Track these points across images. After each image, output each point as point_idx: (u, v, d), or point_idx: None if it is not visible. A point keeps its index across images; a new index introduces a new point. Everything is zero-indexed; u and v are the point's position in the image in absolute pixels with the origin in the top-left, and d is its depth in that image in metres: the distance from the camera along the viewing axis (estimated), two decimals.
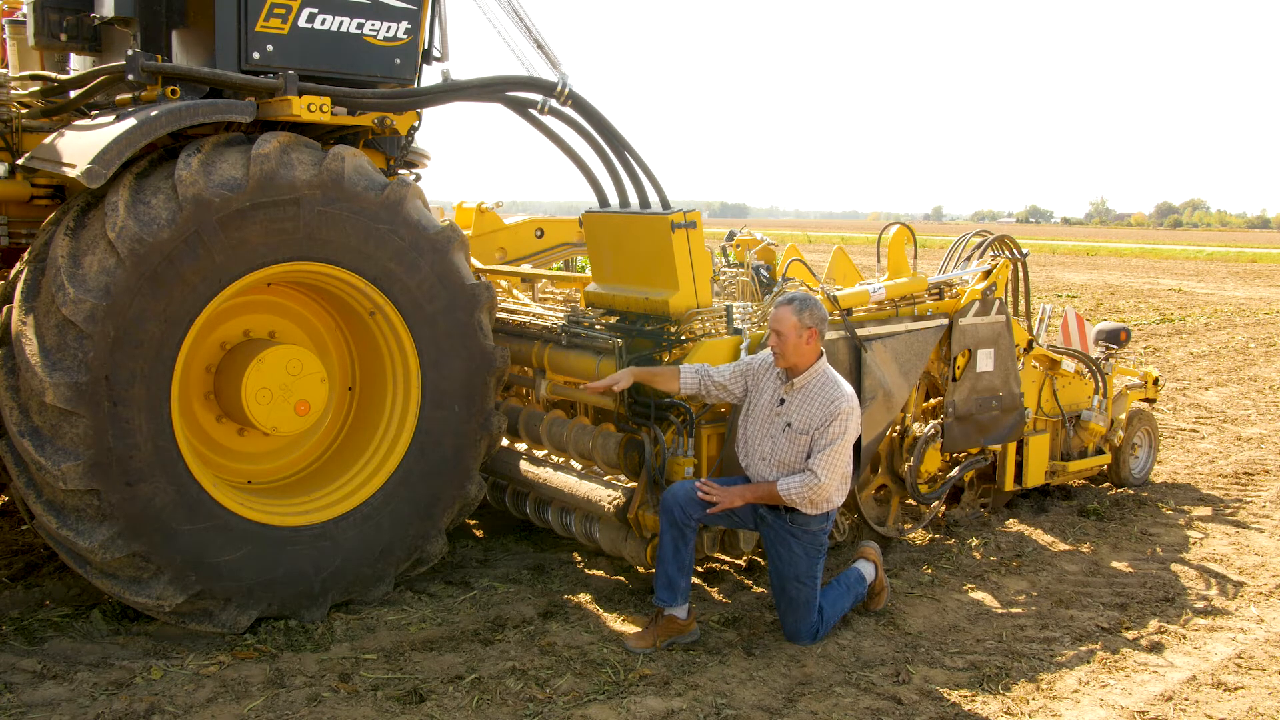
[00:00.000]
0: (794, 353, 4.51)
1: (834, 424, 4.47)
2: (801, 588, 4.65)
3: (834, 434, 4.47)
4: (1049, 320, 7.35)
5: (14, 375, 4.17)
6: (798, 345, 4.49)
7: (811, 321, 4.49)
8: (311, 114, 4.63)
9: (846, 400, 4.49)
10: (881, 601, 5.10)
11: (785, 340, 4.49)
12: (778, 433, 4.59)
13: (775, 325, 4.52)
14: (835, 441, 4.47)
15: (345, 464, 5.12)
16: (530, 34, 5.48)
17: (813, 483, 4.48)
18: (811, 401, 4.52)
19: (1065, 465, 6.97)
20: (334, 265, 4.68)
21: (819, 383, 4.55)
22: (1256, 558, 6.11)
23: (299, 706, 3.99)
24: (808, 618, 4.68)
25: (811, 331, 4.50)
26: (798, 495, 4.49)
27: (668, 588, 4.61)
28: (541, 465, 5.63)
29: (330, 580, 4.81)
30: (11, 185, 4.99)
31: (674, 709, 4.05)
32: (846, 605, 4.91)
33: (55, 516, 4.20)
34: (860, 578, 5.02)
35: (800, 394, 4.55)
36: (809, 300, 4.55)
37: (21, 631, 4.56)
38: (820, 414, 4.50)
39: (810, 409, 4.52)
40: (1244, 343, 16.24)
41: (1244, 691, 4.40)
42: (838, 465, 4.49)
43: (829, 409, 4.48)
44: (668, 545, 4.63)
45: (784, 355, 4.52)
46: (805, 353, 4.52)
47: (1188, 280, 31.51)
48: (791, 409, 4.56)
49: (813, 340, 4.52)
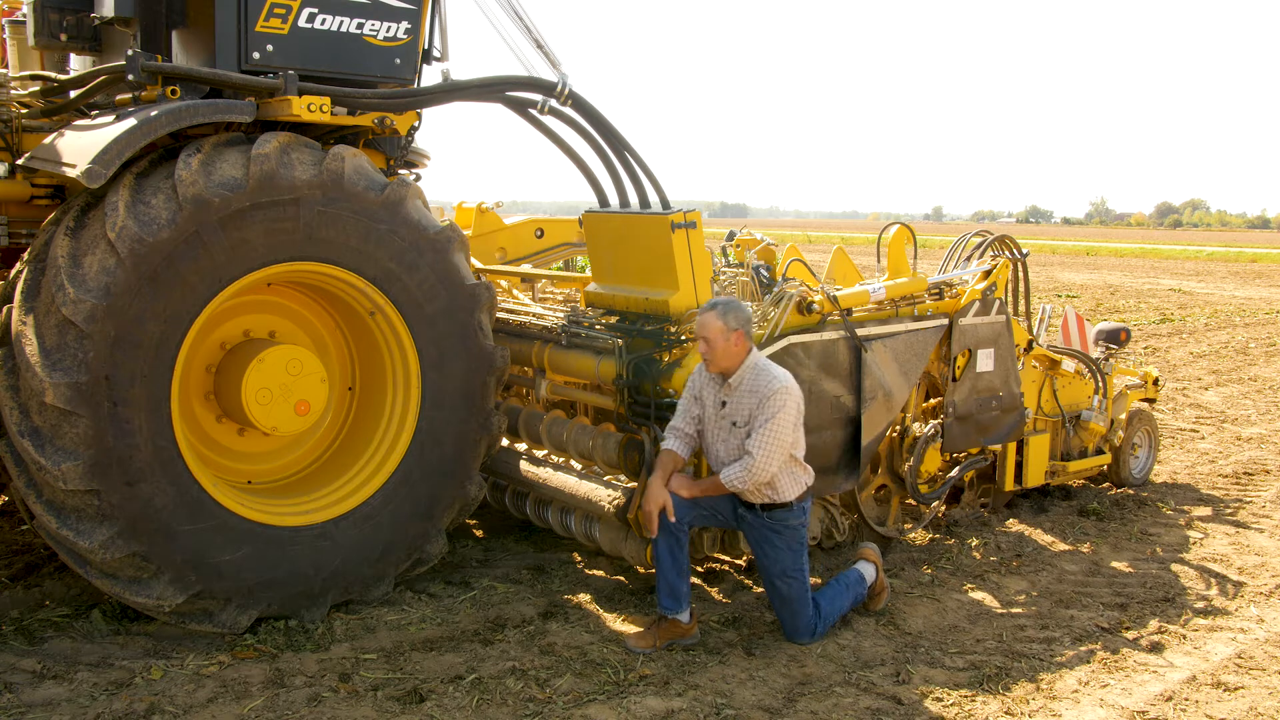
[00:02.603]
0: (723, 356, 4.55)
1: (767, 404, 4.49)
2: (790, 582, 4.68)
3: (768, 413, 4.48)
4: (1049, 320, 7.35)
5: (14, 375, 4.17)
6: (726, 349, 4.53)
7: (736, 324, 4.53)
8: (311, 114, 4.63)
9: (778, 381, 4.52)
10: (881, 602, 5.10)
11: (714, 346, 4.54)
12: (727, 434, 4.64)
13: (701, 332, 4.56)
14: (769, 420, 4.47)
15: (345, 464, 5.12)
16: (530, 34, 5.48)
17: (749, 463, 4.48)
18: (747, 395, 4.57)
19: (1065, 465, 6.97)
20: (334, 265, 4.68)
21: (751, 375, 4.58)
22: (1256, 558, 6.11)
23: (299, 706, 3.99)
24: (803, 613, 4.70)
25: (737, 333, 4.53)
26: (737, 480, 4.52)
27: (671, 595, 4.64)
28: (541, 465, 5.63)
29: (330, 580, 4.81)
30: (11, 185, 4.99)
31: (674, 709, 4.05)
32: (846, 605, 4.91)
33: (55, 516, 4.20)
34: (860, 578, 5.02)
35: (737, 393, 4.60)
36: (731, 303, 4.61)
37: (21, 631, 4.56)
38: (755, 402, 4.55)
39: (747, 402, 4.57)
40: (1244, 343, 16.24)
41: (1244, 691, 4.40)
42: (774, 445, 4.49)
43: (762, 393, 4.52)
44: (664, 553, 4.65)
45: (714, 360, 4.57)
46: (734, 354, 4.56)
47: (1188, 280, 31.52)
48: (732, 409, 4.62)
49: (740, 341, 4.55)
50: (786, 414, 4.51)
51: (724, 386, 4.65)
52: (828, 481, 5.56)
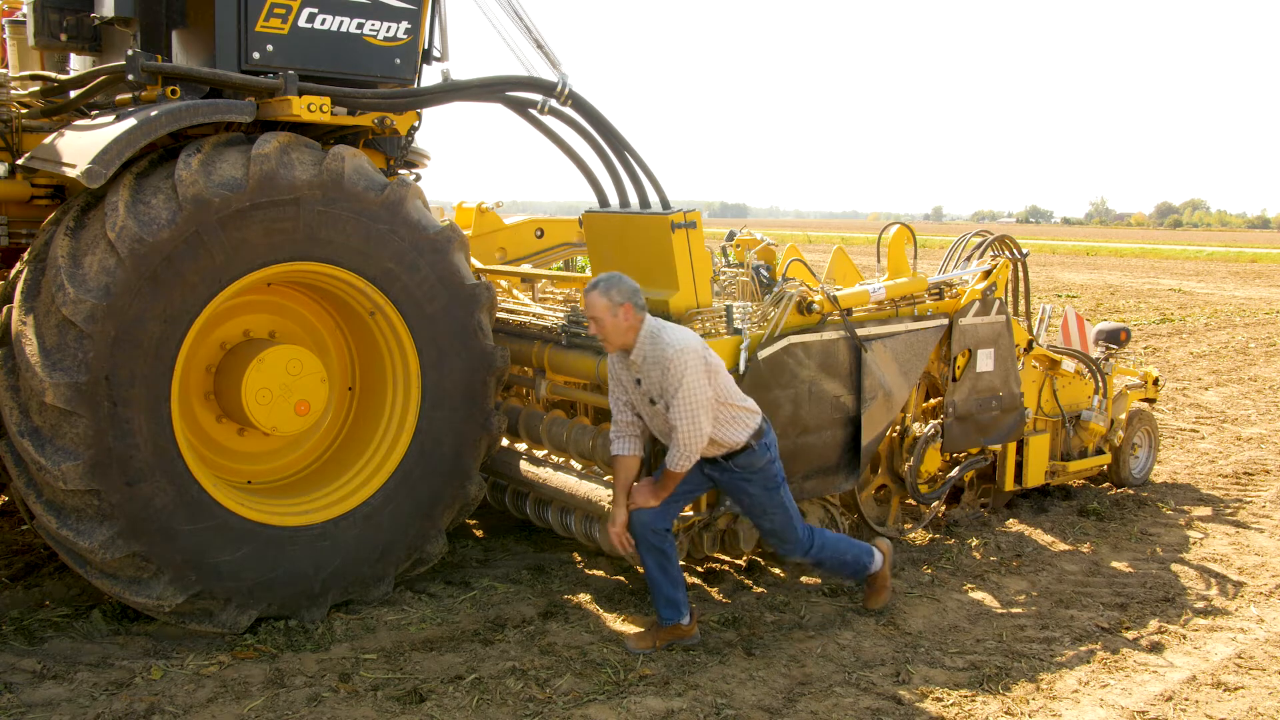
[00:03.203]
0: (615, 333, 4.41)
1: (669, 373, 4.35)
2: (774, 517, 4.71)
3: (674, 382, 4.35)
4: (1049, 320, 7.35)
5: (14, 375, 4.17)
6: (616, 325, 4.39)
7: (621, 298, 4.36)
8: (311, 114, 4.63)
9: (672, 348, 4.35)
10: (882, 600, 5.10)
11: (603, 324, 4.40)
12: (652, 412, 4.53)
13: (589, 313, 4.43)
14: (678, 390, 4.34)
15: (345, 464, 5.12)
16: (530, 34, 5.48)
17: (678, 440, 4.40)
18: (652, 367, 4.43)
19: (1065, 465, 6.97)
20: (334, 265, 4.68)
21: (650, 346, 4.42)
22: (1256, 558, 6.11)
23: (299, 706, 3.99)
24: (792, 536, 4.75)
25: (625, 307, 4.37)
26: (683, 460, 4.45)
27: (670, 605, 4.62)
28: (541, 465, 5.63)
29: (330, 580, 4.81)
30: (11, 185, 5.00)
31: (674, 709, 4.05)
32: (844, 555, 4.95)
33: (55, 516, 4.20)
34: (869, 552, 5.04)
35: (644, 367, 4.46)
36: (613, 279, 4.43)
37: (21, 631, 4.56)
38: (660, 373, 4.41)
39: (653, 374, 4.44)
40: (1244, 343, 16.24)
41: (1244, 691, 4.40)
42: (694, 410, 4.36)
43: (661, 365, 4.38)
44: (653, 568, 4.63)
45: (608, 339, 4.44)
46: (625, 329, 4.41)
47: (1188, 280, 31.51)
48: (646, 384, 4.49)
49: (629, 315, 4.38)
50: (693, 375, 4.35)
51: (630, 364, 4.51)
52: (828, 481, 5.56)
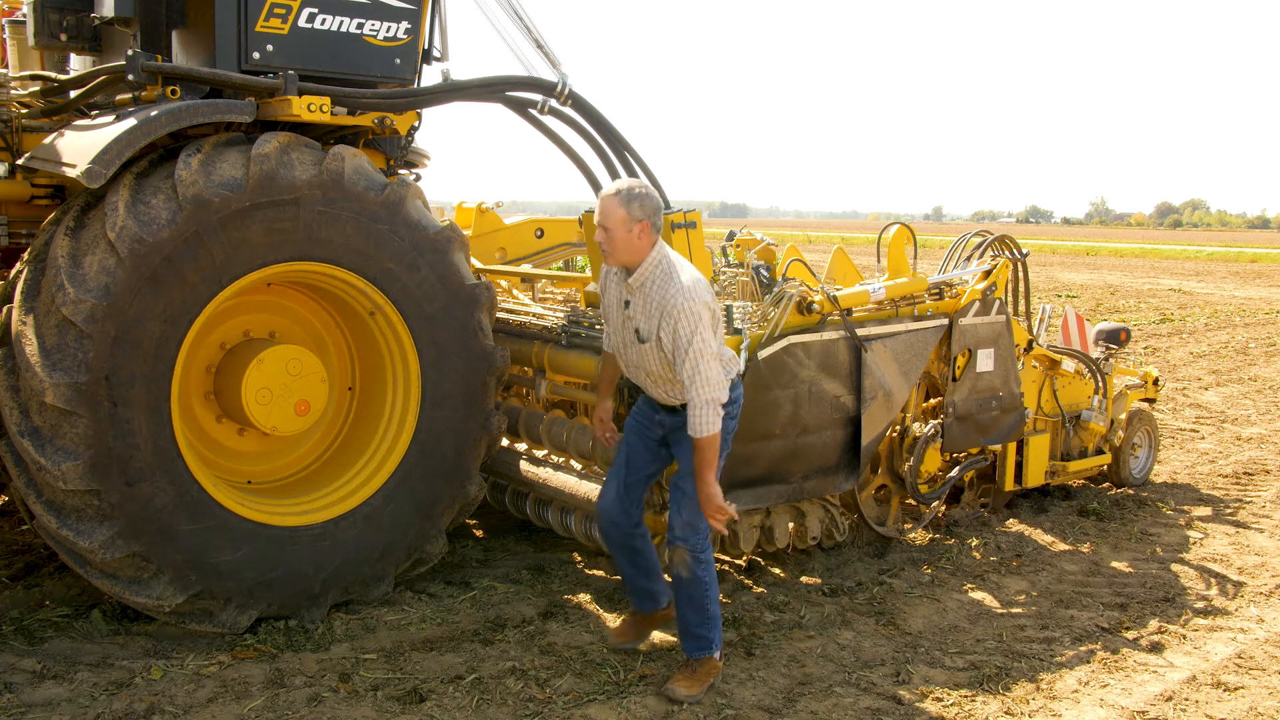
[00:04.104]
0: (624, 249, 4.03)
1: (679, 330, 3.97)
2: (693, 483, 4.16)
3: (685, 335, 3.97)
4: (1049, 320, 7.34)
5: (14, 375, 4.17)
6: (628, 240, 4.01)
7: (642, 214, 4.00)
8: (311, 114, 4.63)
9: (683, 296, 3.97)
10: (695, 690, 4.18)
11: (613, 237, 4.01)
12: (632, 340, 4.18)
13: (601, 220, 4.05)
14: (689, 344, 3.96)
15: (345, 464, 5.12)
16: (530, 34, 5.48)
17: (695, 399, 3.98)
18: (650, 302, 4.07)
19: (1065, 465, 6.97)
20: (334, 265, 4.68)
21: (657, 280, 4.06)
22: (1256, 558, 6.11)
23: (299, 706, 3.99)
24: (699, 519, 4.17)
25: (643, 225, 4.00)
26: (704, 424, 3.99)
27: (644, 596, 4.54)
28: (541, 465, 5.63)
29: (330, 580, 4.81)
30: (11, 185, 4.99)
31: (674, 709, 4.05)
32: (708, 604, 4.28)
33: (55, 516, 4.20)
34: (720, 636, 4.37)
35: (640, 294, 4.09)
36: (635, 188, 4.05)
37: (21, 631, 4.56)
38: (658, 312, 4.04)
39: (650, 311, 4.07)
40: (1244, 343, 16.24)
41: (1244, 691, 4.40)
42: (706, 363, 3.98)
43: (666, 311, 4.01)
44: (624, 564, 4.49)
45: (613, 253, 4.06)
46: (637, 248, 4.03)
47: (1188, 280, 31.51)
48: (636, 312, 4.12)
49: (645, 234, 4.02)
50: (704, 328, 3.99)
51: (625, 284, 4.15)
52: (828, 481, 5.56)
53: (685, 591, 4.24)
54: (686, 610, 4.27)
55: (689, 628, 4.27)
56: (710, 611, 4.27)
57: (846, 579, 5.56)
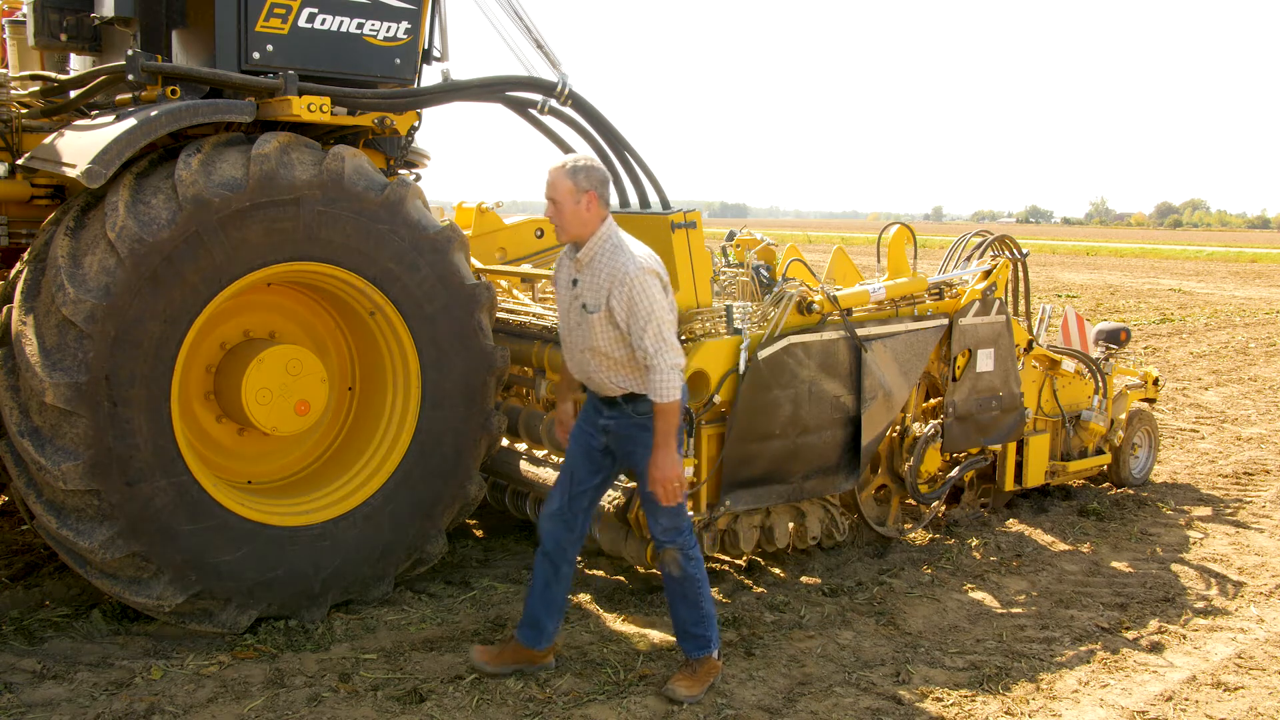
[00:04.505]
0: (573, 221, 3.99)
1: (635, 297, 3.90)
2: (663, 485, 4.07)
3: (641, 309, 3.90)
4: (1049, 320, 7.35)
5: (14, 375, 4.17)
6: (576, 212, 3.96)
7: (589, 184, 3.95)
8: (311, 114, 4.63)
9: (635, 264, 3.92)
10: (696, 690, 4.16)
11: (562, 209, 3.97)
12: (579, 318, 4.07)
13: (549, 194, 4.01)
14: (648, 316, 3.90)
15: (345, 464, 5.12)
16: (530, 34, 5.48)
17: (655, 364, 3.91)
18: (599, 274, 3.99)
19: (1065, 465, 6.97)
20: (334, 265, 4.68)
21: (605, 253, 3.99)
22: (1256, 558, 6.11)
23: (299, 706, 3.99)
24: (676, 519, 4.14)
25: (590, 195, 3.95)
26: (665, 383, 3.92)
27: (533, 627, 4.27)
28: (541, 465, 5.63)
29: (330, 580, 4.81)
30: (11, 185, 4.99)
31: (674, 709, 4.05)
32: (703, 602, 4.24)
33: (55, 516, 4.20)
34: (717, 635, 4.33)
35: (589, 270, 4.02)
36: (582, 161, 4.04)
37: (21, 631, 4.56)
38: (606, 283, 3.95)
39: (599, 284, 3.98)
40: (1244, 343, 16.24)
41: (1244, 691, 4.40)
42: (663, 326, 3.92)
43: (616, 280, 3.93)
44: (537, 581, 4.29)
45: (563, 227, 4.01)
46: (586, 220, 3.99)
47: (1188, 280, 31.51)
48: (583, 288, 4.03)
49: (593, 205, 3.97)
50: (660, 295, 3.94)
51: (574, 261, 4.08)
52: (828, 481, 5.56)
53: (679, 591, 4.21)
54: (682, 610, 4.24)
55: (686, 627, 4.25)
56: (705, 609, 4.23)
57: (846, 579, 5.56)
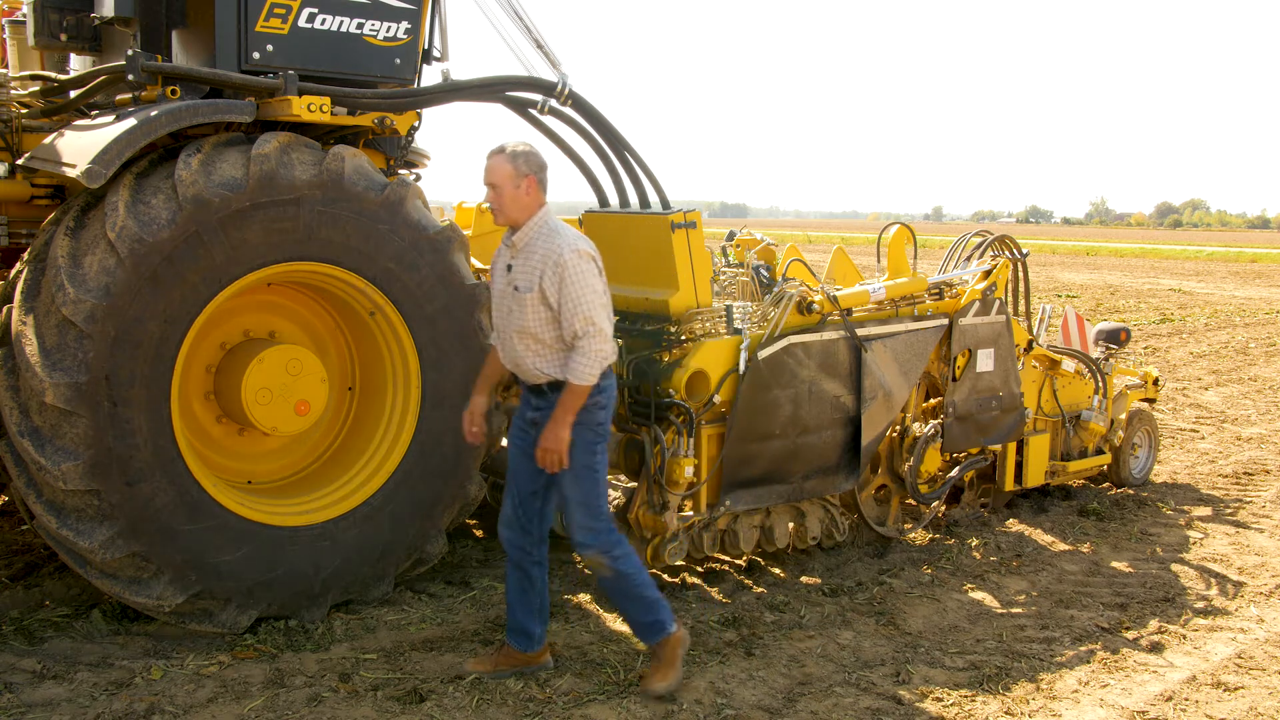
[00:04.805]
0: (512, 205, 4.00)
1: (567, 278, 3.90)
2: (581, 484, 4.07)
3: (572, 290, 3.90)
4: (1049, 320, 7.35)
5: (14, 375, 4.17)
6: (515, 196, 3.98)
7: (528, 168, 3.98)
8: (311, 114, 4.63)
9: (568, 244, 3.93)
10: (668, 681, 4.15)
11: (501, 193, 3.98)
12: (511, 301, 4.07)
13: (488, 179, 4.01)
14: (579, 299, 3.90)
15: (345, 464, 5.12)
16: (530, 34, 5.48)
17: (585, 345, 3.91)
18: (533, 257, 3.99)
19: (1065, 465, 6.97)
20: (334, 265, 4.68)
21: (539, 236, 4.01)
22: (1256, 558, 6.11)
23: (299, 706, 3.99)
24: (597, 513, 4.10)
25: (529, 180, 3.98)
26: (587, 365, 3.91)
27: (520, 635, 4.27)
28: None
29: (330, 580, 4.81)
30: (11, 185, 4.99)
31: (674, 709, 4.05)
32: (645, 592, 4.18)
33: (55, 516, 4.20)
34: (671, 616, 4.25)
35: (524, 254, 4.02)
36: (521, 146, 4.04)
37: (21, 631, 4.56)
38: (539, 265, 3.95)
39: (532, 266, 3.98)
40: (1244, 343, 16.24)
41: (1244, 691, 4.40)
42: (593, 303, 3.92)
43: (550, 262, 3.93)
44: (512, 588, 4.29)
45: (502, 210, 4.02)
46: (525, 204, 4.01)
47: (1188, 280, 31.51)
48: (518, 272, 4.04)
49: (532, 190, 3.99)
50: (593, 278, 3.94)
51: (510, 246, 4.09)
52: (828, 481, 5.56)
53: (617, 588, 4.18)
54: (626, 606, 4.22)
55: (636, 619, 4.21)
56: (649, 596, 4.18)
57: (846, 579, 5.56)
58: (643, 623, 4.21)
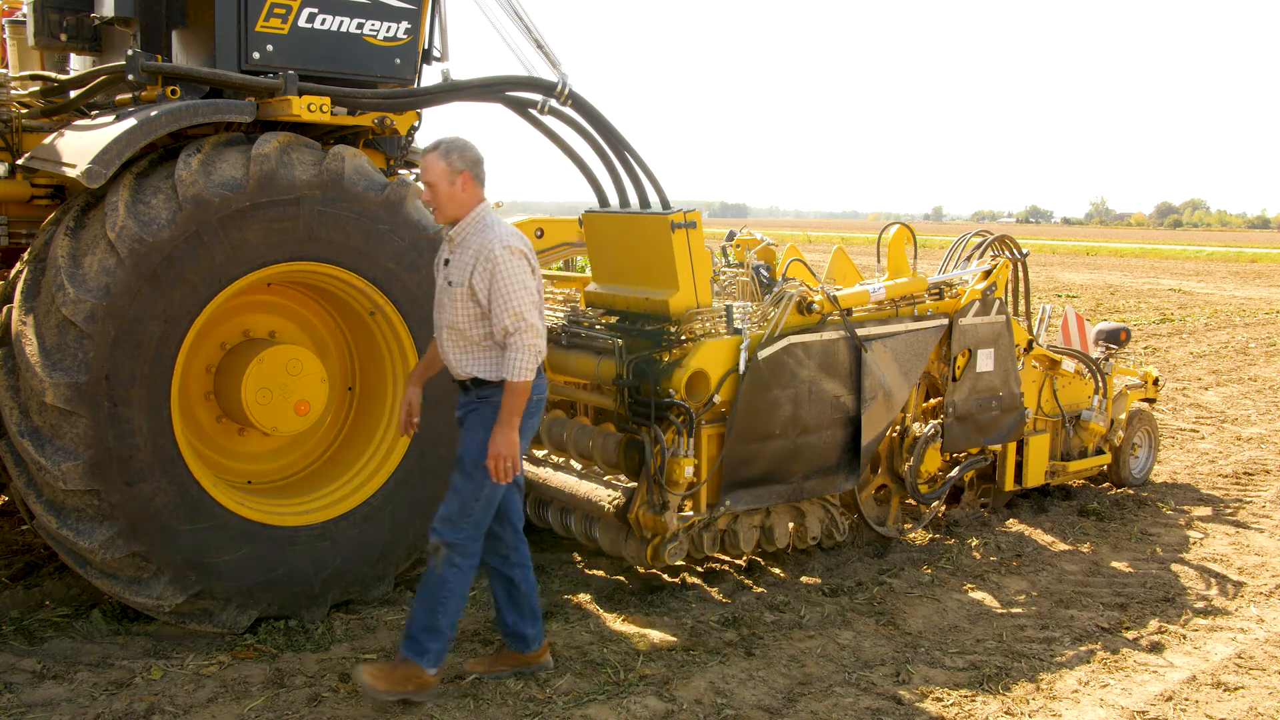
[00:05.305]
0: (449, 202, 3.99)
1: (498, 274, 3.88)
2: (466, 480, 4.00)
3: (502, 286, 3.88)
4: (1049, 320, 7.35)
5: (14, 375, 4.17)
6: (451, 193, 3.97)
7: (463, 164, 3.97)
8: (311, 114, 4.63)
9: (500, 243, 3.91)
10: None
11: (437, 190, 3.97)
12: (444, 294, 4.08)
13: (424, 176, 4.02)
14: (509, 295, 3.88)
15: (345, 464, 5.12)
16: (530, 34, 5.48)
17: (517, 340, 3.89)
18: (467, 251, 3.99)
19: (1065, 465, 6.97)
20: (334, 265, 4.68)
21: (475, 231, 4.00)
22: (1256, 558, 6.11)
23: (299, 706, 3.99)
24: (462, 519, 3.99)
25: (464, 176, 3.97)
26: (520, 361, 3.89)
27: (515, 638, 4.27)
28: (541, 465, 5.63)
29: (330, 580, 4.81)
30: (11, 185, 5.00)
31: (674, 709, 4.05)
32: (452, 609, 4.05)
33: (55, 516, 4.20)
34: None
35: (460, 249, 4.02)
36: (455, 142, 4.02)
37: (21, 631, 4.56)
38: (471, 260, 3.94)
39: (465, 261, 3.98)
40: (1244, 343, 16.24)
41: (1244, 691, 4.40)
42: (521, 299, 3.90)
43: (481, 257, 3.92)
44: (500, 596, 4.26)
45: (439, 208, 4.02)
46: (461, 200, 4.00)
47: (1188, 280, 31.51)
48: (452, 267, 4.03)
49: (468, 186, 3.98)
50: (524, 275, 3.92)
51: (447, 239, 4.09)
52: (828, 481, 5.56)
53: (428, 589, 4.02)
54: (419, 609, 4.03)
55: (412, 628, 4.03)
56: (440, 625, 4.00)
57: (846, 579, 5.56)
58: (414, 636, 4.01)
